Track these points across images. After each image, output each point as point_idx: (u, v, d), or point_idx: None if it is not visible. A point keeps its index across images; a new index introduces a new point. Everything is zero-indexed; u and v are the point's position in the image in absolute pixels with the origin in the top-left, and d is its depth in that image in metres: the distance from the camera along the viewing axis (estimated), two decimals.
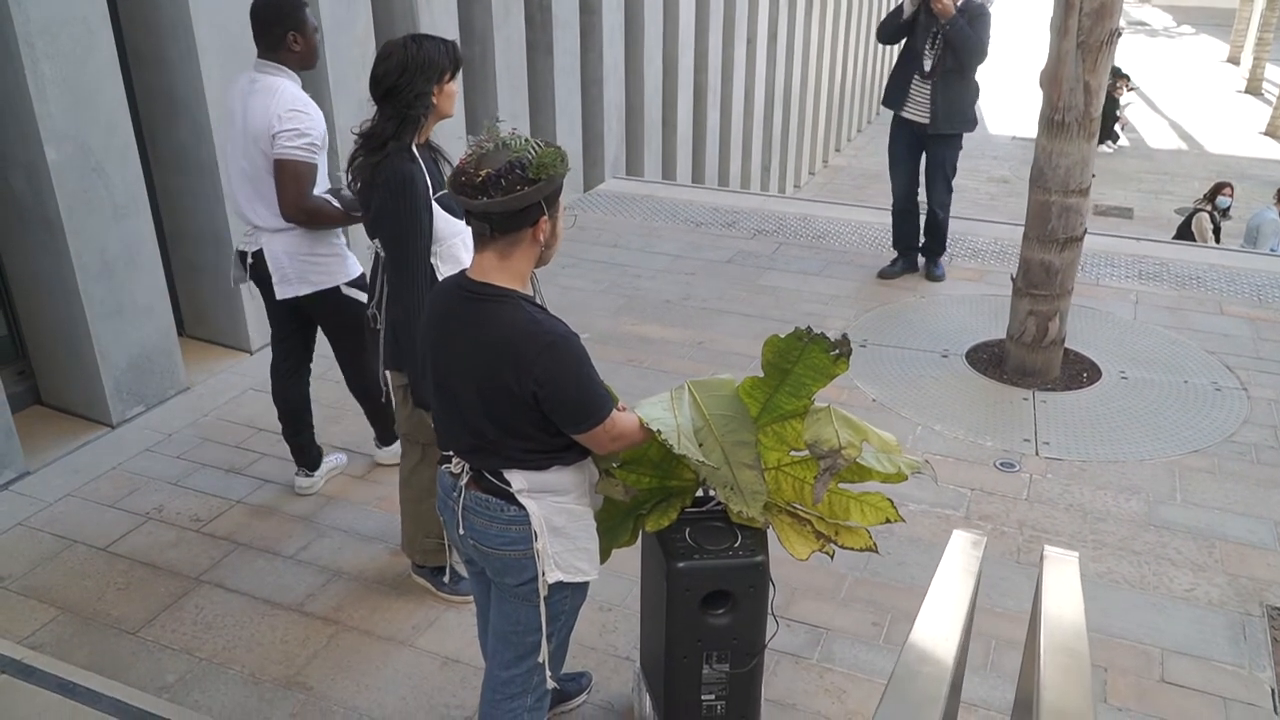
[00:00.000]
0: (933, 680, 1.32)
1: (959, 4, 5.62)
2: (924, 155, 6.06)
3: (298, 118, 3.46)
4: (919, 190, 6.23)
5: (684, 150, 10.89)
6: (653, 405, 2.44)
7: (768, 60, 13.22)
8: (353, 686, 3.16)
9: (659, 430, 2.32)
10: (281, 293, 3.68)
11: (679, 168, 10.79)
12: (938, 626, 1.48)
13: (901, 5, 5.87)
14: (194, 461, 4.36)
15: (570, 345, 2.18)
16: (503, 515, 2.31)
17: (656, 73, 9.91)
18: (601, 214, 7.58)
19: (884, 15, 6.16)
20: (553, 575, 2.33)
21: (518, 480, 2.29)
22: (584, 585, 2.46)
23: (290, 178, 3.47)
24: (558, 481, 2.33)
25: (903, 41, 5.94)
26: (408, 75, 2.89)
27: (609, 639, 3.34)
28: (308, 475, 4.14)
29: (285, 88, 3.51)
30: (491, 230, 2.14)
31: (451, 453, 2.39)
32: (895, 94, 6.00)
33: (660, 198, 8.03)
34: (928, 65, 5.77)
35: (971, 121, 5.97)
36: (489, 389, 2.19)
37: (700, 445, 2.42)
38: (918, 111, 5.89)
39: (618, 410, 2.33)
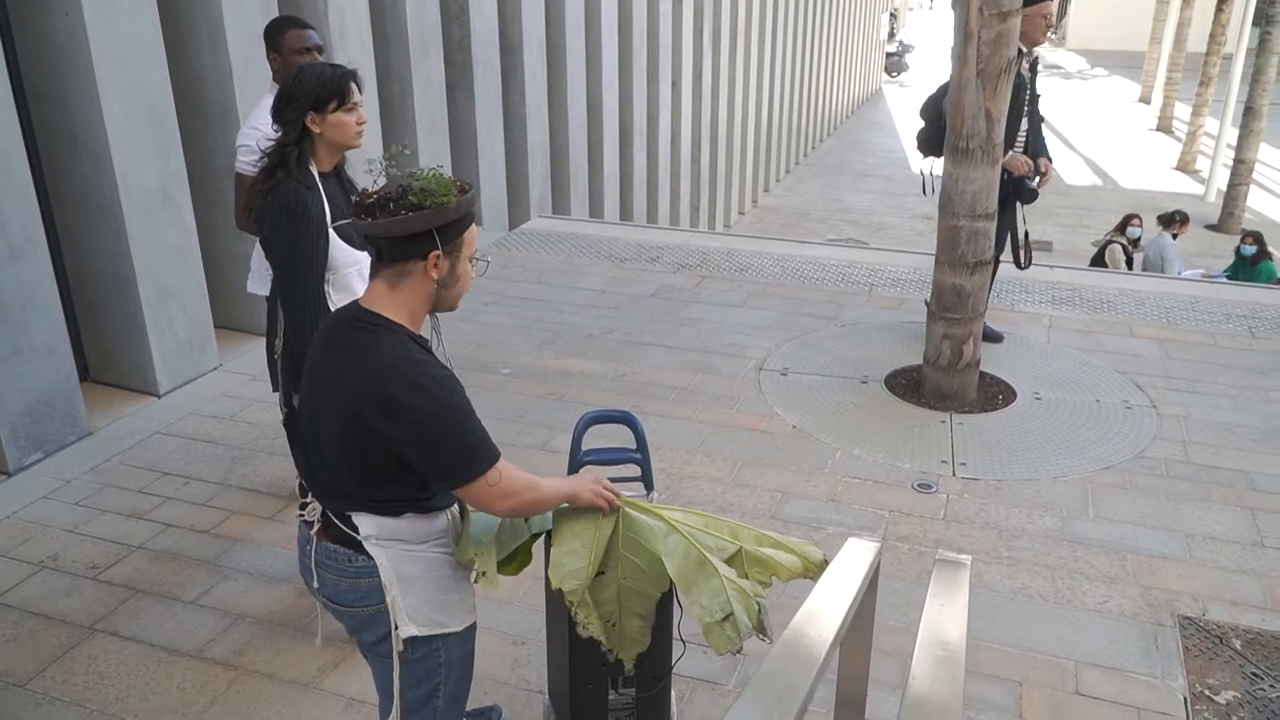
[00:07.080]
0: (795, 681, 1.28)
1: (1033, 58, 5.35)
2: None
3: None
4: None
5: (611, 191, 10.93)
6: (572, 537, 2.25)
7: (693, 101, 13.38)
8: None
9: (569, 590, 2.19)
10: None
11: (606, 208, 10.81)
12: (811, 629, 1.45)
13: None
14: (93, 508, 4.20)
15: (444, 388, 2.01)
16: (351, 567, 2.14)
17: (580, 113, 9.96)
18: (525, 251, 7.55)
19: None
20: (406, 629, 2.14)
21: (366, 525, 2.11)
22: (459, 635, 2.26)
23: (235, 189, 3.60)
24: (410, 530, 2.14)
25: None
26: (280, 103, 2.92)
27: (521, 673, 3.25)
28: None
29: None
30: (380, 255, 2.05)
31: (309, 497, 2.22)
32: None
33: (585, 235, 8.03)
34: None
35: None
36: (350, 421, 2.03)
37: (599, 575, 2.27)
38: None
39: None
